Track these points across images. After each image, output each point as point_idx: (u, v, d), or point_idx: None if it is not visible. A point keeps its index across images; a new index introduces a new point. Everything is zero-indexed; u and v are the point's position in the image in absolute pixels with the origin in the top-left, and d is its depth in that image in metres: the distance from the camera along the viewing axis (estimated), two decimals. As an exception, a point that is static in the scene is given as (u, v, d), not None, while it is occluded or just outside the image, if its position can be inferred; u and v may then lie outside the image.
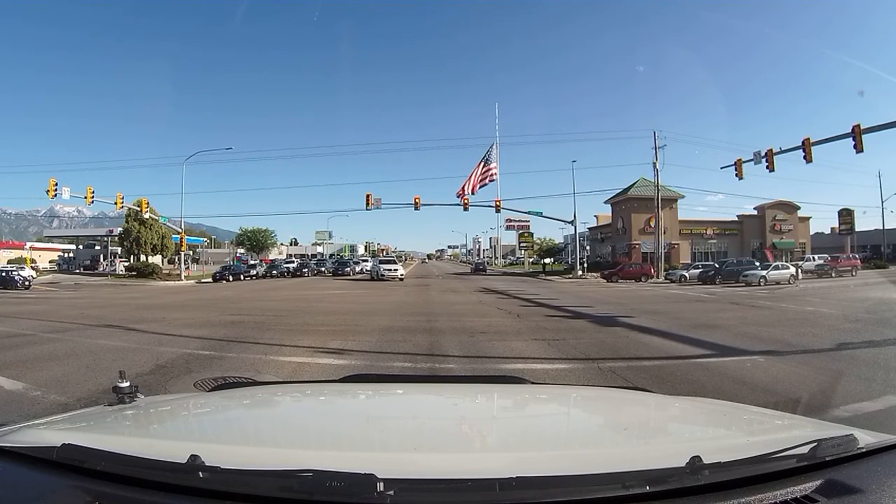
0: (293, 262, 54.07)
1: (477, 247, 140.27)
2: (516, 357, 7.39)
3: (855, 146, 20.74)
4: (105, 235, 60.85)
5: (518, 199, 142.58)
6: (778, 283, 27.25)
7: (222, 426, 1.64)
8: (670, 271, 35.81)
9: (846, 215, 49.23)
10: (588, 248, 59.92)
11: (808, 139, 22.77)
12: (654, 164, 37.96)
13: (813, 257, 39.58)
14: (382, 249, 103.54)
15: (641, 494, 0.94)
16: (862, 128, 20.57)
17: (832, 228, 54.85)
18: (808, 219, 52.84)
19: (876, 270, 36.24)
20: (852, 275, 34.20)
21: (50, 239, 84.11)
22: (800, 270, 31.40)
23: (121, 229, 51.81)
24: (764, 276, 27.84)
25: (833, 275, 33.50)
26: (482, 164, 46.99)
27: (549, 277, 40.75)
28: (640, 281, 33.55)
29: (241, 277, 41.39)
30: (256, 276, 44.21)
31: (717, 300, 18.53)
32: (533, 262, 63.37)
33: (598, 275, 37.52)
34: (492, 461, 1.19)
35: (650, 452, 1.27)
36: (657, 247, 38.55)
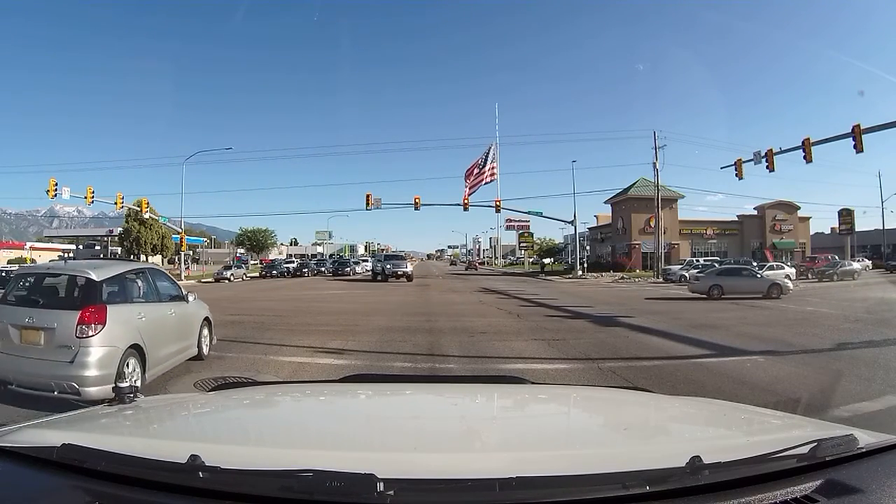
0: (293, 262, 53.91)
1: (477, 247, 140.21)
2: (516, 357, 7.39)
3: (855, 146, 20.71)
4: (105, 235, 61.10)
5: (518, 199, 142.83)
6: None
7: (222, 426, 1.64)
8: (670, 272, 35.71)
9: (846, 215, 49.15)
10: (588, 248, 59.96)
11: (808, 139, 22.75)
12: (654, 164, 37.90)
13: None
14: (382, 249, 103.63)
15: (641, 494, 0.94)
16: (862, 128, 20.53)
17: (832, 228, 54.77)
18: (808, 219, 52.88)
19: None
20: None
21: (50, 239, 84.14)
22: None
23: (121, 229, 52.06)
24: None
25: (809, 276, 33.04)
26: (482, 161, 47.01)
27: (548, 277, 40.73)
28: None
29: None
30: (232, 279, 36.46)
31: (716, 300, 18.51)
32: (533, 262, 63.29)
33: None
34: (492, 461, 1.19)
35: (650, 452, 1.27)
36: (657, 247, 38.51)
